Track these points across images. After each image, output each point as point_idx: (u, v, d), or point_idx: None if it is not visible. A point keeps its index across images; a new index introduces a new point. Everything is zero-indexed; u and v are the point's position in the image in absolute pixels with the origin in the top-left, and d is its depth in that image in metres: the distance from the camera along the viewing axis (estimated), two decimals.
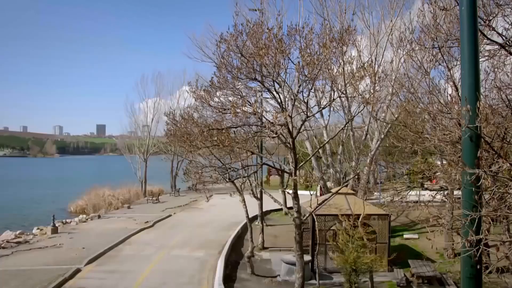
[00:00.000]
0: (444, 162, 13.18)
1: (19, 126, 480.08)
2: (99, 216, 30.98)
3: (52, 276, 15.15)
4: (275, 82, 10.30)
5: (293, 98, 10.90)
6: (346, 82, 12.49)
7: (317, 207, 12.67)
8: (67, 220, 29.98)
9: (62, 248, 20.23)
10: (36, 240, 22.46)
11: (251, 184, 18.04)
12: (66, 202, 43.48)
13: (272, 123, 9.77)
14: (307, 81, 10.27)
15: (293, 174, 10.71)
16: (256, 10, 22.62)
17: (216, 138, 9.98)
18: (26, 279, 14.98)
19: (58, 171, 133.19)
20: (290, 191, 11.64)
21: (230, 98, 10.71)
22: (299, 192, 11.63)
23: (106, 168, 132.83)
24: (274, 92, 10.42)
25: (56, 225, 24.85)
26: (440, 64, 9.31)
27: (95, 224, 27.84)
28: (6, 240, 22.34)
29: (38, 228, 26.53)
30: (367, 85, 15.80)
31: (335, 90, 14.36)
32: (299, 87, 10.55)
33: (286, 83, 10.71)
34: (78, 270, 16.24)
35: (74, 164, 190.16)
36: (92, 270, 16.49)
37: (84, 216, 31.98)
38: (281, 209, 30.52)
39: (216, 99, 10.84)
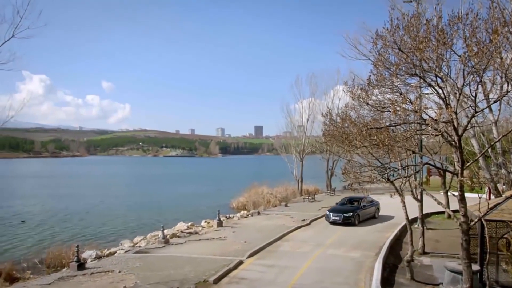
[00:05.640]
0: None
1: (188, 129, 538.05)
2: (258, 213, 32.75)
3: (218, 265, 16.51)
4: (437, 77, 9.63)
5: (457, 92, 10.06)
6: None
7: (487, 211, 11.47)
8: (230, 215, 32.44)
9: (226, 240, 21.87)
10: (204, 232, 24.75)
11: (411, 185, 17.14)
12: (229, 198, 46.83)
13: (435, 120, 9.14)
14: (474, 73, 9.37)
15: (459, 175, 9.87)
16: (411, 1, 21.50)
17: (375, 137, 9.75)
18: (196, 265, 16.62)
19: (221, 169, 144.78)
20: (455, 193, 10.75)
21: (388, 96, 10.36)
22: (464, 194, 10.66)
23: (263, 167, 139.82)
24: (437, 87, 9.74)
25: (221, 219, 27.05)
26: None
27: (255, 220, 29.49)
28: (180, 230, 25.24)
29: (205, 221, 29.26)
30: None
31: (508, 81, 12.80)
32: (464, 80, 9.68)
33: (450, 76, 9.92)
34: (240, 262, 17.32)
35: (235, 163, 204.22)
36: (253, 263, 17.44)
37: (245, 212, 34.22)
38: (442, 212, 28.39)
39: (373, 98, 10.59)
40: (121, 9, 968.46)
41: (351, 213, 26.54)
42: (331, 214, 27.23)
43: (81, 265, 16.48)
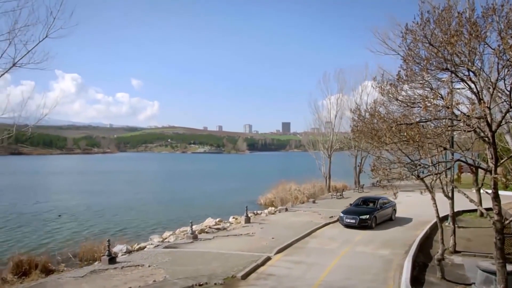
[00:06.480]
0: None
1: (216, 125, 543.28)
2: (286, 209, 32.72)
3: (246, 261, 16.59)
4: (469, 71, 9.37)
5: (491, 87, 9.76)
6: None
7: None
8: (258, 212, 32.56)
9: (254, 236, 21.95)
10: (232, 228, 24.91)
11: (441, 182, 16.76)
12: (256, 194, 46.99)
13: (468, 116, 8.90)
14: (509, 67, 9.07)
15: (493, 172, 9.60)
16: None
17: (405, 133, 9.59)
18: (224, 261, 16.74)
19: (249, 166, 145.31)
20: (488, 191, 10.46)
21: (419, 91, 10.16)
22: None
23: (291, 164, 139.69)
24: (469, 82, 9.49)
25: (249, 215, 27.15)
26: None
27: (283, 216, 29.47)
28: (208, 226, 25.50)
29: (233, 217, 29.42)
30: None
31: None
32: (498, 74, 9.38)
33: (483, 70, 9.64)
34: (268, 258, 17.39)
35: (263, 160, 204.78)
36: (281, 259, 17.47)
37: (273, 208, 34.28)
38: (474, 210, 27.71)
39: (403, 93, 10.41)
40: (151, 4, 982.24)
41: (368, 215, 24.26)
42: (345, 216, 24.88)
43: (112, 259, 16.88)
